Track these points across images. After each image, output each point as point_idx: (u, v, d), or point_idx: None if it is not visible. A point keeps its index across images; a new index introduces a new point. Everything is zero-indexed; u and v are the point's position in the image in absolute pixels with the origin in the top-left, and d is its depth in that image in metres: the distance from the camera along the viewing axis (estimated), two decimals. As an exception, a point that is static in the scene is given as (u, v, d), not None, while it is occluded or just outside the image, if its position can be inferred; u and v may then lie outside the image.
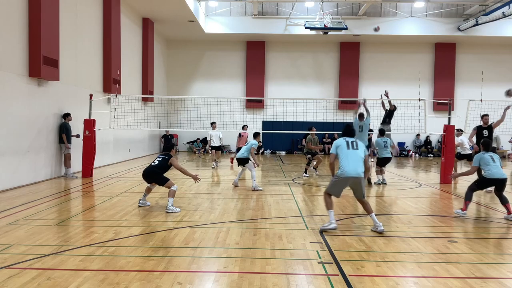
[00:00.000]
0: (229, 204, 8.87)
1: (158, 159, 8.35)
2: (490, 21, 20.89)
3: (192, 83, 26.07)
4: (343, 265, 4.98)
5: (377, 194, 10.69)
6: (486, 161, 7.90)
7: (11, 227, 6.55)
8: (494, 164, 7.80)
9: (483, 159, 7.93)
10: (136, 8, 19.44)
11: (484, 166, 7.85)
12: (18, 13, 10.68)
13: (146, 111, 21.13)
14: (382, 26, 23.41)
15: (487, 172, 7.81)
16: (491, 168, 7.78)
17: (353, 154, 6.56)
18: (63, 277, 4.49)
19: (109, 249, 5.51)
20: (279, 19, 23.55)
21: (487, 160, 7.89)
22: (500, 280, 4.66)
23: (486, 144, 8.09)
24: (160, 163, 8.23)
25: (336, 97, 25.54)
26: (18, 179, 10.70)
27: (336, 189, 6.70)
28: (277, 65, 25.88)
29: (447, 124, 12.97)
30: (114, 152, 17.26)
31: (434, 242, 6.16)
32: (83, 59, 14.34)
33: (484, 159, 7.92)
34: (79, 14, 14.04)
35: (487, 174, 7.81)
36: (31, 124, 11.25)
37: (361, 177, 6.53)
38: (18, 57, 10.72)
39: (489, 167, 7.80)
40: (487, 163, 7.86)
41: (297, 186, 11.64)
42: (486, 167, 7.82)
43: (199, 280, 4.57)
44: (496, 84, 24.40)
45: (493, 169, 7.77)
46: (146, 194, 8.47)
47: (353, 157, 6.54)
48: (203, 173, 14.75)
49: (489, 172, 7.77)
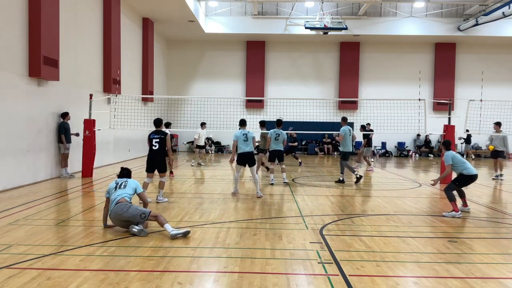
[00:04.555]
0: (229, 204, 8.87)
1: (155, 141, 8.37)
2: (490, 21, 20.89)
3: (192, 83, 26.07)
4: (343, 265, 4.98)
5: (377, 194, 10.69)
6: (460, 159, 8.17)
7: (11, 227, 6.55)
8: (468, 162, 8.21)
9: (456, 158, 8.17)
10: (136, 8, 19.43)
11: (460, 165, 8.07)
12: (18, 13, 10.68)
13: (146, 111, 21.12)
14: (382, 26, 23.42)
15: (466, 170, 8.03)
16: (469, 165, 8.10)
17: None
18: (63, 277, 4.49)
19: (109, 249, 5.51)
20: (279, 19, 23.56)
21: (461, 158, 8.19)
22: (500, 280, 4.66)
23: (448, 143, 8.42)
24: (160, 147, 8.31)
25: (336, 97, 25.54)
26: (18, 179, 10.70)
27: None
28: (277, 65, 25.88)
29: (447, 124, 12.97)
30: (114, 152, 17.26)
31: (434, 242, 6.17)
32: (83, 59, 14.34)
33: (457, 158, 8.17)
34: (79, 14, 14.03)
35: (467, 171, 8.02)
36: (31, 124, 11.24)
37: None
38: (18, 57, 10.71)
39: (466, 165, 8.09)
40: (462, 162, 8.13)
41: (297, 186, 11.63)
42: (463, 165, 8.08)
43: (199, 280, 4.57)
44: (496, 84, 24.54)
45: (470, 166, 8.11)
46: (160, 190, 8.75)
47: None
48: (203, 173, 14.75)
49: (469, 170, 8.03)
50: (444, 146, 8.48)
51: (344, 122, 12.62)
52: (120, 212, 6.22)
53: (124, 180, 6.81)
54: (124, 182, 6.73)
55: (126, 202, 6.37)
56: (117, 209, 6.26)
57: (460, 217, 7.79)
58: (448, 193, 7.99)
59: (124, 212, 6.21)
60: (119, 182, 6.73)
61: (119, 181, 6.77)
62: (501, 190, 11.82)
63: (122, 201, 6.34)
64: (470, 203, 8.77)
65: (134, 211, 6.22)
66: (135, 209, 6.26)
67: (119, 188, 6.62)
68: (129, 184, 6.71)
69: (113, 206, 6.34)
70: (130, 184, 6.72)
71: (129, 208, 6.25)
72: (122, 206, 6.26)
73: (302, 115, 18.77)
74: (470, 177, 8.05)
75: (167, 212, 7.85)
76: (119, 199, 6.36)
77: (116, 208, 6.27)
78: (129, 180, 6.86)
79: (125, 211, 6.21)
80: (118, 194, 6.46)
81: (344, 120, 12.67)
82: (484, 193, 11.05)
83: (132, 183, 6.77)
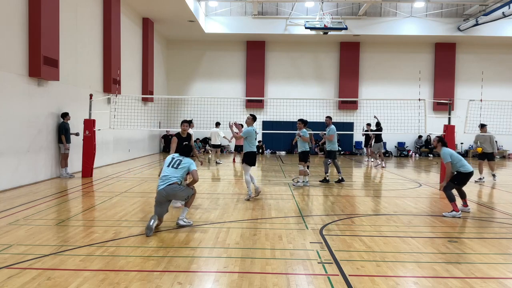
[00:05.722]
0: (229, 204, 8.87)
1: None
2: (490, 21, 20.89)
3: (192, 83, 26.07)
4: (343, 265, 4.98)
5: (377, 194, 10.69)
6: (457, 156, 8.09)
7: (11, 227, 6.55)
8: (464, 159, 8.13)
9: (454, 155, 8.09)
10: (136, 8, 19.43)
11: (458, 161, 8.00)
12: (18, 13, 10.68)
13: (146, 111, 21.13)
14: (382, 26, 23.43)
15: (464, 167, 7.97)
16: (465, 162, 8.03)
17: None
18: (63, 277, 4.49)
19: (109, 249, 5.51)
20: (279, 19, 23.55)
21: (458, 155, 8.11)
22: (500, 280, 4.66)
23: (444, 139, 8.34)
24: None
25: (336, 97, 25.53)
26: (18, 179, 10.70)
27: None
28: (277, 65, 25.88)
29: (447, 124, 12.97)
30: (114, 152, 17.26)
31: (434, 242, 6.16)
32: (83, 59, 14.34)
33: (454, 154, 8.09)
34: (79, 14, 14.03)
35: (464, 169, 7.96)
36: (31, 124, 11.24)
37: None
38: (18, 57, 10.71)
39: (463, 162, 8.02)
40: (459, 158, 8.05)
41: (297, 186, 11.61)
42: (460, 161, 8.00)
43: (199, 280, 4.57)
44: (496, 84, 24.55)
45: (467, 163, 8.05)
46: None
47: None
48: (202, 173, 14.75)
49: (466, 167, 7.99)
50: (441, 142, 8.29)
51: (331, 120, 12.57)
52: (172, 192, 6.55)
53: (180, 158, 6.89)
54: (179, 161, 6.83)
55: (177, 185, 6.62)
56: (169, 189, 6.54)
57: (460, 217, 7.79)
58: (447, 193, 7.97)
59: (175, 194, 6.58)
60: (175, 159, 6.88)
61: (175, 157, 6.92)
62: (501, 190, 11.81)
63: (174, 184, 6.59)
64: (470, 203, 8.77)
65: (182, 195, 6.66)
66: (183, 194, 6.66)
67: (172, 166, 6.78)
68: (182, 164, 6.78)
69: (165, 185, 6.55)
70: (184, 164, 6.79)
71: (180, 192, 6.61)
72: (175, 187, 6.57)
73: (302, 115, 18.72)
74: (467, 174, 8.01)
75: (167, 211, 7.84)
76: (171, 182, 6.58)
77: (168, 188, 6.54)
78: (185, 159, 6.89)
79: (176, 192, 6.57)
80: (170, 175, 6.65)
81: (331, 119, 12.63)
82: (484, 193, 11.05)
83: (186, 163, 6.82)
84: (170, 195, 6.57)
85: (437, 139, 8.34)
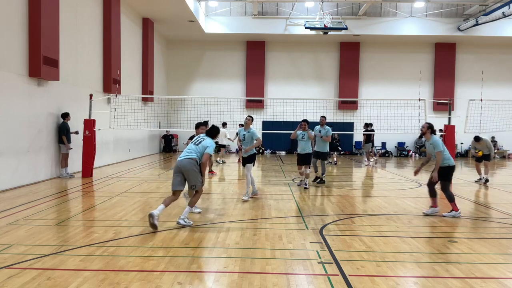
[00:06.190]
0: (229, 204, 8.87)
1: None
2: (490, 21, 20.89)
3: (192, 83, 26.07)
4: (343, 265, 4.98)
5: (377, 194, 10.69)
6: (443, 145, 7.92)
7: (11, 227, 6.55)
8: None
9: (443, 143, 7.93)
10: (136, 8, 19.43)
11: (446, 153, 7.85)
12: (18, 13, 10.68)
13: (146, 111, 21.12)
14: (382, 26, 23.43)
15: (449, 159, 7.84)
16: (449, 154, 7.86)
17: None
18: (63, 277, 4.49)
19: (109, 249, 5.51)
20: (279, 19, 23.55)
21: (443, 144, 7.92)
22: (500, 280, 4.66)
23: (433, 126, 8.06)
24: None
25: (336, 97, 25.53)
26: (18, 179, 10.70)
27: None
28: (277, 65, 25.88)
29: (447, 124, 12.97)
30: (114, 152, 17.26)
31: (434, 242, 6.17)
32: (83, 59, 14.34)
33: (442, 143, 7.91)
34: (79, 14, 14.03)
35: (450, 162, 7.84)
36: (31, 124, 11.24)
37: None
38: (18, 57, 10.71)
39: (449, 154, 7.87)
40: (445, 148, 7.87)
41: (297, 186, 11.62)
42: (447, 154, 7.84)
43: (199, 280, 4.57)
44: (496, 84, 24.54)
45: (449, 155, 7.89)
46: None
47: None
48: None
49: (451, 160, 7.88)
50: (430, 129, 7.94)
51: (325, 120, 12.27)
52: (187, 166, 6.69)
53: (203, 137, 7.05)
54: (201, 140, 7.00)
55: (195, 162, 6.75)
56: (186, 162, 6.72)
57: (460, 216, 7.79)
58: (447, 193, 7.94)
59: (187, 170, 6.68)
60: (200, 137, 7.07)
61: (200, 136, 7.12)
62: (500, 190, 11.80)
63: (193, 160, 6.74)
64: (470, 203, 8.78)
65: (193, 177, 6.72)
66: (194, 177, 6.72)
67: (194, 143, 6.99)
68: (203, 143, 6.93)
69: (184, 157, 6.76)
70: (204, 143, 6.92)
71: (193, 171, 6.71)
72: (191, 162, 6.72)
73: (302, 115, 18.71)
74: (453, 167, 7.89)
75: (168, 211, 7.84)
76: (190, 156, 6.75)
77: (185, 161, 6.73)
78: (207, 139, 7.02)
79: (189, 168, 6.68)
80: (192, 150, 6.85)
81: (325, 119, 12.35)
82: (483, 193, 11.05)
83: (207, 142, 6.93)
84: (183, 169, 6.71)
85: (427, 125, 7.95)
